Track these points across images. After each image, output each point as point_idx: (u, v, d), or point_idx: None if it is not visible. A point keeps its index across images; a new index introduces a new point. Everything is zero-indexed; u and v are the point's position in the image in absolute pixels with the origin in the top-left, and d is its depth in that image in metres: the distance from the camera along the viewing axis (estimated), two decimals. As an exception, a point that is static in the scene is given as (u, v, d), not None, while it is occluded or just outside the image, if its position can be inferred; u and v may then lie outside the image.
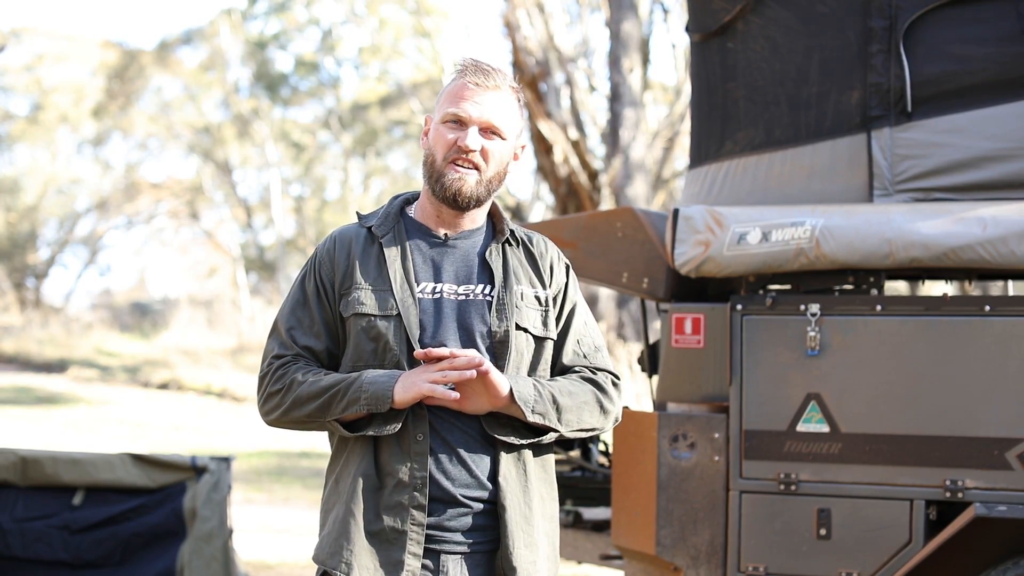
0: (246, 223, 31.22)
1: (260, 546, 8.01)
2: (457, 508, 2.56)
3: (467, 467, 2.57)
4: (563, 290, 2.73)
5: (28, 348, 23.83)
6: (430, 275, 2.64)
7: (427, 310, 2.60)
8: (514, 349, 2.61)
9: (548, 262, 2.73)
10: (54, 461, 5.13)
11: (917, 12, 4.03)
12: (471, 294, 2.63)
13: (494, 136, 2.62)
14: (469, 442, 2.58)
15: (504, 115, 2.62)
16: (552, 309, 2.69)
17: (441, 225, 2.67)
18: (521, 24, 14.46)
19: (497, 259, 2.67)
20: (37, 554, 5.07)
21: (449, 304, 2.61)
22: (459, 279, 2.64)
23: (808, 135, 4.18)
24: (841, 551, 3.86)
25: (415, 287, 2.61)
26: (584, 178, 14.55)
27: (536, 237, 2.76)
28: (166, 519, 5.17)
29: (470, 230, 2.68)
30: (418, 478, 2.54)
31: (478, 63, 2.64)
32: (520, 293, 2.65)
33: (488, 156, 2.61)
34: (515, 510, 2.59)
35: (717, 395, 4.08)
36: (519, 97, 2.67)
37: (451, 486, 2.56)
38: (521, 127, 2.70)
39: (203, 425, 14.97)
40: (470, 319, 2.61)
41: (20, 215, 30.23)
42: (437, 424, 2.57)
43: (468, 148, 2.58)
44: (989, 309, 3.79)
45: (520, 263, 2.70)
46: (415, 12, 23.79)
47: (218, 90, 29.18)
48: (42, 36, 30.14)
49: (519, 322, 2.62)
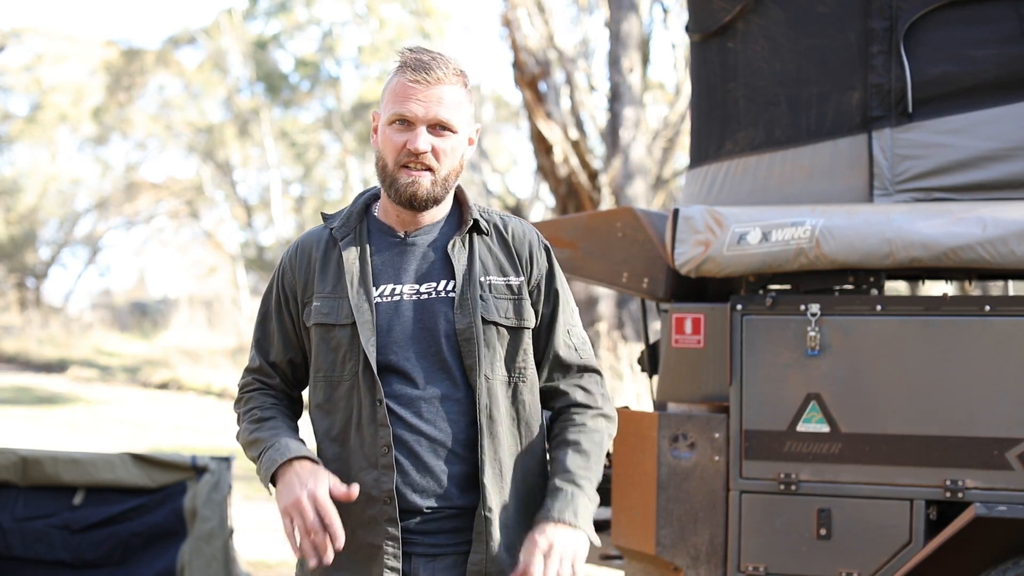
0: (246, 223, 31.22)
1: (260, 546, 8.01)
2: (424, 516, 2.51)
3: (435, 477, 2.50)
4: (544, 275, 2.61)
5: (28, 348, 23.84)
6: (391, 276, 2.55)
7: (385, 314, 2.52)
8: (483, 345, 2.51)
9: (526, 247, 2.60)
10: (54, 461, 5.13)
11: (918, 13, 4.04)
12: (433, 292, 2.53)
13: (445, 132, 2.50)
14: (437, 450, 2.50)
15: (452, 108, 2.50)
16: (528, 297, 2.58)
17: (401, 224, 2.57)
18: (521, 24, 14.46)
19: (461, 252, 2.55)
20: (37, 554, 5.08)
21: (408, 306, 2.53)
22: (420, 277, 2.54)
23: (808, 135, 4.18)
24: (841, 551, 3.86)
25: (372, 291, 2.52)
26: (584, 178, 14.55)
27: (512, 222, 2.64)
28: (166, 519, 5.18)
29: (431, 224, 2.58)
30: (385, 491, 2.48)
31: (419, 56, 2.50)
32: (488, 284, 2.55)
33: (440, 154, 2.50)
34: (493, 512, 2.51)
35: (717, 395, 4.09)
36: (465, 81, 2.54)
37: (418, 499, 2.49)
38: (471, 112, 2.57)
39: (203, 425, 14.97)
40: (432, 319, 2.52)
41: (20, 215, 30.23)
42: (403, 434, 2.49)
43: (418, 151, 2.47)
44: (989, 309, 3.80)
45: (489, 251, 2.58)
46: (415, 12, 23.79)
47: (218, 90, 29.19)
48: (42, 36, 30.15)
49: (485, 316, 2.52)
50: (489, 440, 2.52)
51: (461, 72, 2.53)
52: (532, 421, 2.60)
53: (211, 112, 30.41)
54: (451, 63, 2.52)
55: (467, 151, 2.58)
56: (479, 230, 2.60)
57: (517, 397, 2.58)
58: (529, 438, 2.59)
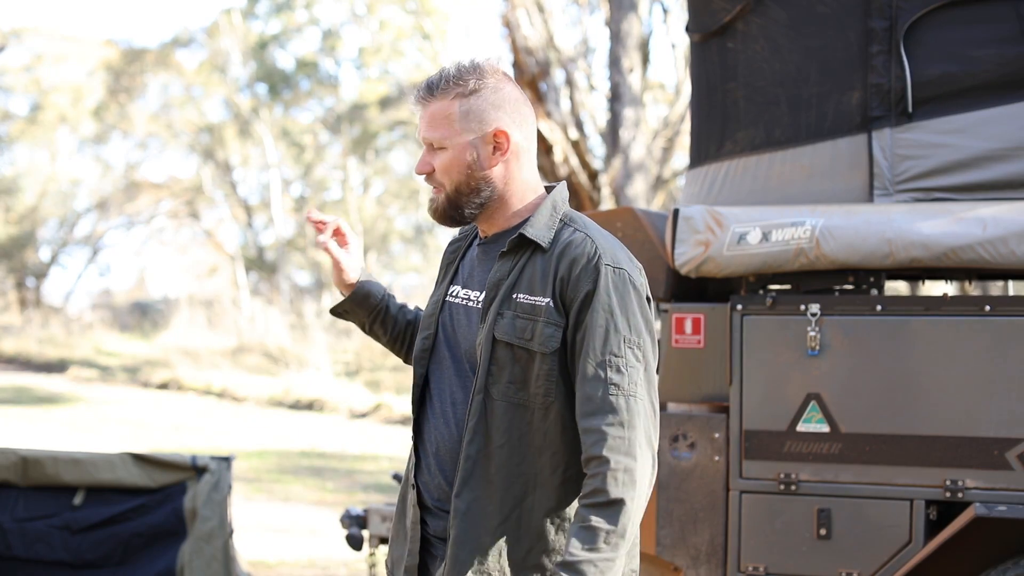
0: (246, 223, 31.22)
1: (260, 546, 8.02)
2: (436, 516, 2.54)
3: (435, 477, 2.54)
4: (581, 298, 2.41)
5: (28, 348, 23.86)
6: (462, 279, 2.63)
7: (446, 312, 2.61)
8: (488, 362, 2.44)
9: (568, 266, 2.43)
10: (55, 461, 5.13)
11: (918, 13, 4.03)
12: (474, 301, 2.56)
13: (435, 151, 2.52)
14: (439, 452, 2.53)
15: (435, 126, 2.49)
16: (551, 319, 2.42)
17: (482, 229, 2.63)
18: (521, 24, 14.45)
19: (505, 263, 2.50)
20: (38, 554, 5.07)
21: (459, 309, 2.59)
22: (474, 284, 2.59)
23: (808, 135, 4.18)
24: (841, 551, 3.86)
25: (447, 290, 2.64)
26: (584, 178, 14.54)
27: (575, 238, 2.47)
28: (166, 519, 5.17)
29: (501, 232, 2.57)
30: (411, 480, 2.59)
31: (425, 80, 2.53)
32: (516, 302, 2.45)
33: (439, 173, 2.52)
34: (458, 532, 2.43)
35: (717, 395, 4.09)
36: (461, 91, 2.47)
37: (427, 496, 2.56)
38: (472, 122, 2.48)
39: (203, 425, 14.98)
40: (467, 327, 2.55)
41: (20, 215, 30.23)
42: (425, 429, 2.59)
43: (416, 172, 2.54)
44: (989, 309, 3.80)
45: (535, 267, 2.46)
46: (415, 12, 23.78)
47: (219, 90, 29.19)
48: (42, 36, 30.15)
49: (496, 334, 2.44)
50: (476, 459, 2.44)
51: (460, 83, 2.48)
52: (548, 452, 2.44)
53: (211, 112, 30.42)
54: (451, 76, 2.49)
55: (485, 160, 2.50)
56: (537, 245, 2.49)
57: (532, 424, 2.43)
58: (545, 470, 2.44)
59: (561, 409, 2.43)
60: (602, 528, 2.32)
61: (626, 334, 2.40)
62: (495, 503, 2.43)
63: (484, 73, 2.50)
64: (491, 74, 2.51)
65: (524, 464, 2.44)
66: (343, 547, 6.14)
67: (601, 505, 2.33)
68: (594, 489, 2.34)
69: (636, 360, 2.41)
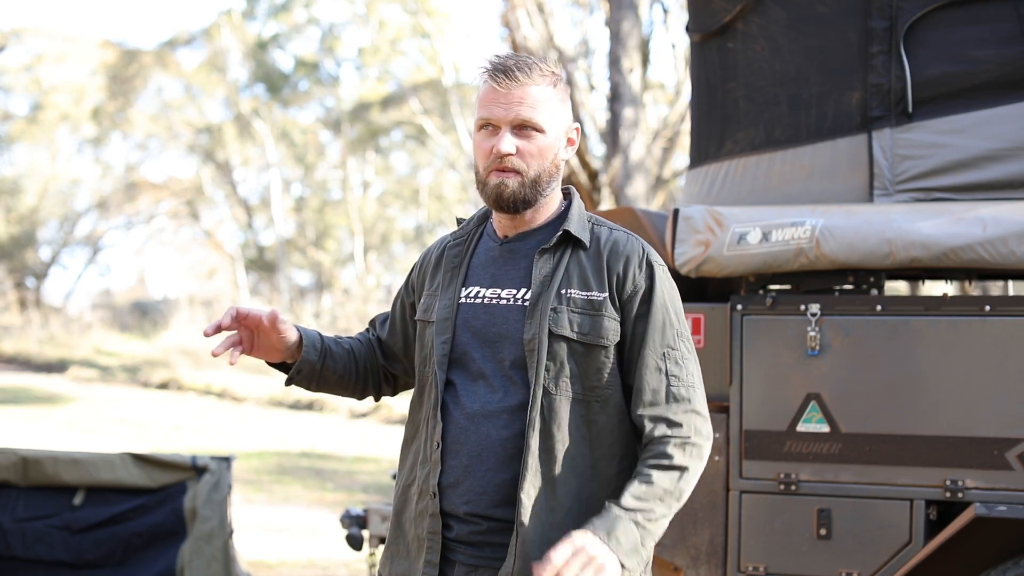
0: (246, 223, 31.24)
1: (260, 546, 8.02)
2: (467, 524, 2.49)
3: (476, 482, 2.48)
4: (640, 294, 2.49)
5: (28, 348, 23.86)
6: (480, 279, 2.56)
7: (463, 315, 2.54)
8: (546, 358, 2.45)
9: (621, 262, 2.50)
10: (55, 461, 5.13)
11: (918, 13, 4.03)
12: (511, 299, 2.52)
13: (531, 133, 2.49)
14: (484, 455, 2.48)
15: (535, 107, 2.48)
16: (611, 314, 2.47)
17: (502, 230, 2.58)
18: (521, 24, 14.46)
19: (547, 261, 2.51)
20: (38, 554, 5.08)
21: (485, 309, 2.53)
22: (505, 283, 2.54)
23: (808, 135, 4.18)
24: (841, 551, 3.86)
25: (460, 292, 2.56)
26: (584, 178, 14.55)
27: (618, 235, 2.55)
28: (166, 519, 5.18)
29: (532, 230, 2.56)
30: (432, 486, 2.50)
31: (503, 60, 2.50)
32: (568, 297, 2.47)
33: (527, 156, 2.48)
34: (527, 528, 2.41)
35: (717, 395, 4.08)
36: (555, 82, 2.52)
37: (456, 500, 2.48)
38: (563, 111, 2.54)
39: (203, 425, 14.99)
40: (504, 325, 2.50)
41: (20, 215, 30.23)
42: (455, 434, 2.49)
43: (502, 153, 2.46)
44: (989, 309, 3.79)
45: (579, 264, 2.51)
46: (415, 12, 23.79)
47: (219, 90, 29.20)
48: (42, 36, 30.17)
49: (554, 328, 2.45)
50: (539, 455, 2.44)
51: (551, 72, 2.51)
52: (605, 444, 2.48)
53: (211, 112, 30.42)
54: (537, 64, 2.51)
55: (562, 151, 2.55)
56: (578, 242, 2.53)
57: (588, 417, 2.47)
58: (601, 461, 2.48)
59: (619, 401, 2.50)
60: (661, 486, 2.41)
61: (678, 328, 2.52)
62: (558, 496, 2.45)
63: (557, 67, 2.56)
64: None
65: (583, 456, 2.47)
66: (343, 547, 6.14)
67: (665, 467, 2.42)
68: (660, 452, 2.44)
69: (688, 351, 2.52)
